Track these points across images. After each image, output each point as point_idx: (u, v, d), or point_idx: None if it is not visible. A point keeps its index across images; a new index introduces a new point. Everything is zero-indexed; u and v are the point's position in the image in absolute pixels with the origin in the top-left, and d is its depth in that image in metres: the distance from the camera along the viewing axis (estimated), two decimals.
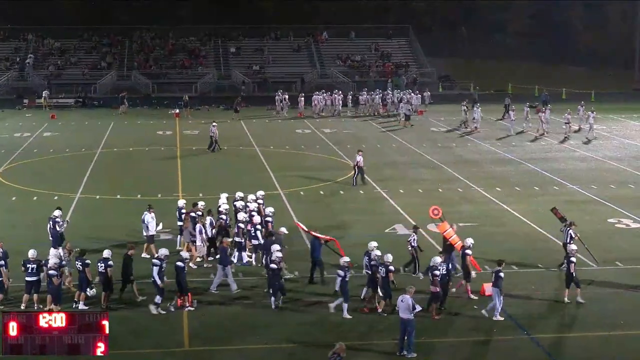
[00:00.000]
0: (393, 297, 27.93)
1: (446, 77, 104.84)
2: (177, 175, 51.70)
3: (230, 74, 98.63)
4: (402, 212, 41.82)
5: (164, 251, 29.45)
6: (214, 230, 34.41)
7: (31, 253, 29.07)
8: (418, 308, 25.57)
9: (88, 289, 29.23)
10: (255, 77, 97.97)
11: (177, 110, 77.96)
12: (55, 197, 45.11)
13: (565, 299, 29.50)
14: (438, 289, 28.15)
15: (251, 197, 37.32)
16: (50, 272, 28.07)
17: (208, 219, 34.68)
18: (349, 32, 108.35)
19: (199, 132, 68.64)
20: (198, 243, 33.93)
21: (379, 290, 28.71)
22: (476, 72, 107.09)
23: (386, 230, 38.31)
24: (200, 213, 35.15)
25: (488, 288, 29.95)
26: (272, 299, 28.98)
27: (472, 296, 29.87)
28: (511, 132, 67.22)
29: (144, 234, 35.01)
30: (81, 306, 28.52)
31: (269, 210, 35.63)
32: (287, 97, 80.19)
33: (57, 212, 34.99)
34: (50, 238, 34.17)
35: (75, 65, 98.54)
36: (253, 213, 35.21)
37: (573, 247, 30.45)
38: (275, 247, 30.26)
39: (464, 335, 26.76)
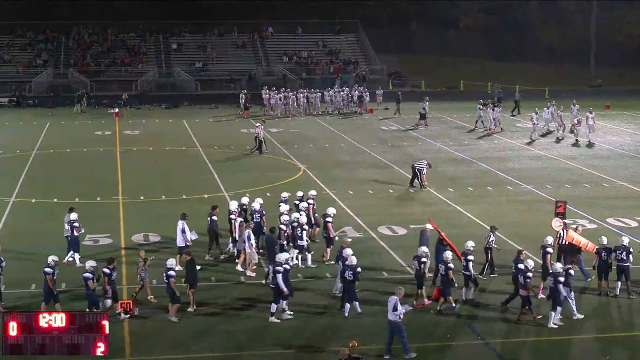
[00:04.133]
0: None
1: (396, 74, 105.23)
2: (117, 177, 51.35)
3: (171, 72, 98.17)
4: (352, 214, 41.90)
5: (285, 255, 29.43)
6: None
7: None
8: (402, 310, 25.79)
9: (105, 299, 28.68)
10: (198, 74, 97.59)
11: (117, 110, 77.38)
12: None
13: (617, 292, 30.80)
14: (528, 293, 28.57)
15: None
16: (86, 274, 27.98)
17: (239, 221, 34.65)
18: (295, 28, 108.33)
19: (139, 132, 68.36)
20: (247, 250, 33.29)
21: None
22: (428, 69, 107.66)
23: (335, 233, 38.39)
24: (234, 214, 35.07)
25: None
26: (348, 306, 28.88)
27: (541, 295, 30.39)
28: (534, 134, 64.84)
29: (179, 244, 34.04)
30: None
31: (331, 211, 35.73)
32: (282, 96, 78.94)
33: (74, 216, 34.52)
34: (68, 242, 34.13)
35: (9, 62, 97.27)
36: (301, 213, 35.49)
37: (626, 239, 31.44)
38: (348, 251, 30.08)
39: (421, 341, 26.94)
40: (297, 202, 37.62)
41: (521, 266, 28.92)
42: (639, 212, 41.57)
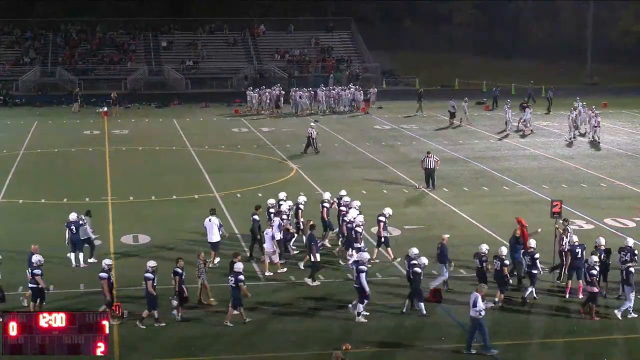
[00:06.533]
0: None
1: (390, 72, 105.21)
2: (105, 177, 51.31)
3: (161, 70, 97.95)
4: None
5: (366, 255, 29.77)
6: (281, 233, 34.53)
7: None
8: (482, 306, 26.06)
9: (173, 299, 28.71)
10: (188, 73, 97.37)
11: (106, 109, 77.36)
12: None
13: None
14: (596, 289, 28.85)
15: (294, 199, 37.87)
16: (147, 274, 28.04)
17: (276, 220, 34.67)
18: (287, 25, 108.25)
19: (128, 131, 68.27)
20: (270, 249, 33.58)
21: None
22: (422, 67, 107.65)
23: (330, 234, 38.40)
24: (285, 214, 35.43)
25: None
26: (407, 302, 29.37)
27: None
28: (570, 136, 64.33)
29: (214, 240, 34.27)
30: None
31: (387, 211, 35.72)
32: (301, 94, 79.28)
33: (73, 216, 34.68)
34: (67, 244, 34.44)
35: None
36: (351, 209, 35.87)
37: (631, 240, 31.74)
38: (414, 250, 30.15)
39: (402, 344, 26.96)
40: (344, 205, 37.34)
41: (586, 264, 29.42)
42: (636, 213, 41.54)
